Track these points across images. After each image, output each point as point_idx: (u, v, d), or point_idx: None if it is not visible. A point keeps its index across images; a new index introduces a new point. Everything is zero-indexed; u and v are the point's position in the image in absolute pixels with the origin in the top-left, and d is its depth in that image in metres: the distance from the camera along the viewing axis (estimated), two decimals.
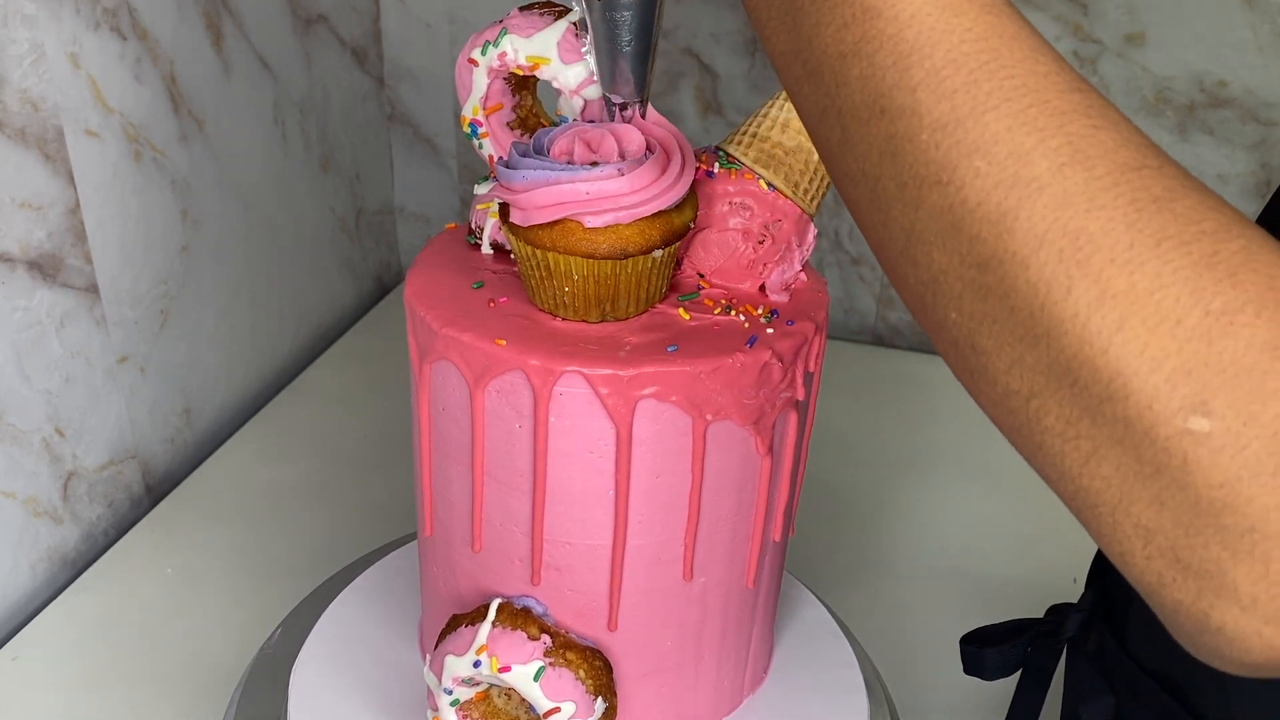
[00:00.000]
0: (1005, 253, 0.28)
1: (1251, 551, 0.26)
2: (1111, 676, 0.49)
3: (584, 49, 0.48)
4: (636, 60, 0.45)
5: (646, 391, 0.45)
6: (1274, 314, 0.25)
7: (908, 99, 0.29)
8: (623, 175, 0.44)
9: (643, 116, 0.48)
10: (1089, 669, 0.50)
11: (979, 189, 0.28)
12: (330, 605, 0.63)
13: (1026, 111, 0.28)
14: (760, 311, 0.50)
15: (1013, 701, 0.57)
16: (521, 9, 0.49)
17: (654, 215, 0.45)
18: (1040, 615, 0.55)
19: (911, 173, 0.29)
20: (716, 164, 0.51)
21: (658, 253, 0.46)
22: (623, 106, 0.47)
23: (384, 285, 1.23)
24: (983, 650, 0.55)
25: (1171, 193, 0.27)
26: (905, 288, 0.31)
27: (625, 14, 0.44)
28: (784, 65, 0.33)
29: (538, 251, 0.46)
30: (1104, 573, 0.52)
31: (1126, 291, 0.26)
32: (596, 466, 0.47)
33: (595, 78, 0.48)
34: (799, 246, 0.51)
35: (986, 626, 0.56)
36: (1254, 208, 0.96)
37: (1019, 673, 0.57)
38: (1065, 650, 0.54)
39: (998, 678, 0.56)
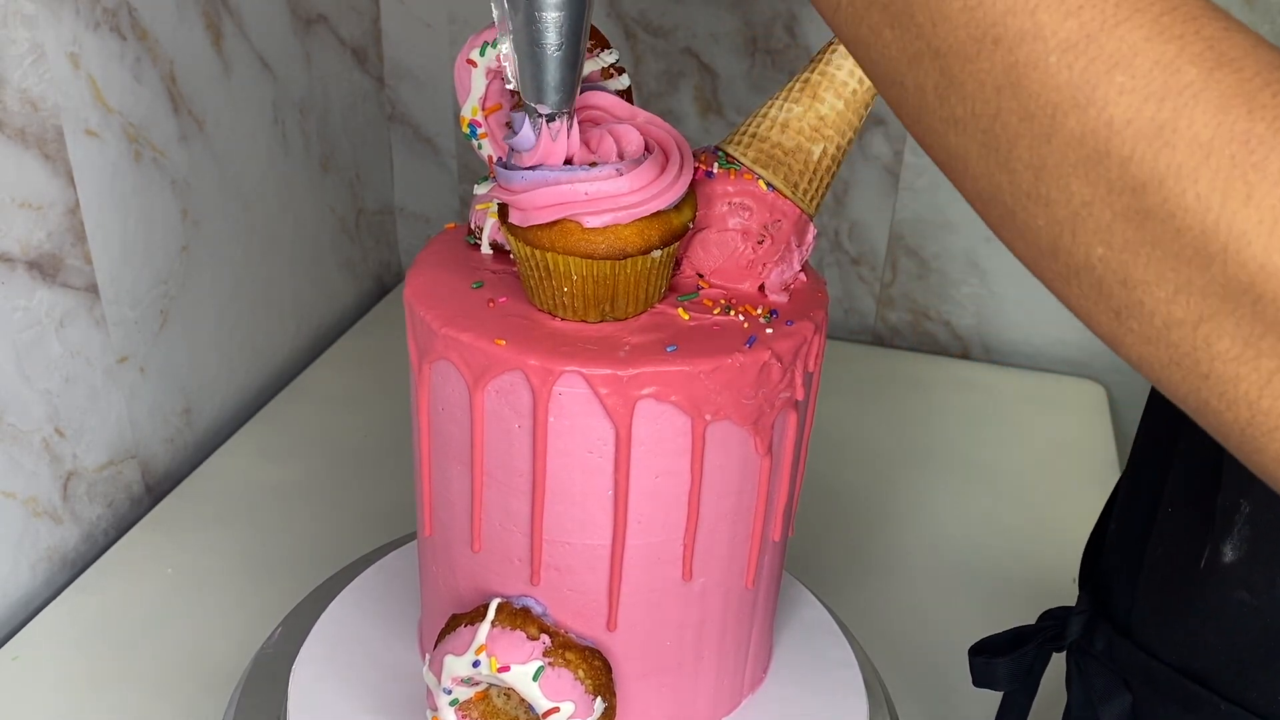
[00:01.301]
0: (1167, 169, 0.26)
1: None
2: (1126, 673, 0.48)
3: (504, 53, 0.43)
4: (565, 66, 0.41)
5: (646, 391, 0.45)
6: None
7: (1027, 22, 0.27)
8: (621, 175, 0.44)
9: (568, 132, 0.43)
10: (1100, 669, 0.50)
11: (1126, 105, 0.26)
12: (330, 605, 0.63)
13: (1160, 20, 0.26)
14: (759, 311, 0.50)
15: (1000, 707, 0.57)
16: None
17: (653, 215, 0.45)
18: (1040, 615, 0.55)
19: (1040, 101, 0.27)
20: (715, 164, 0.50)
21: (656, 253, 0.46)
22: (550, 118, 0.43)
23: (384, 285, 1.23)
24: (993, 661, 0.54)
25: None
26: (1030, 235, 0.29)
27: (555, 14, 0.40)
28: (854, 17, 0.31)
29: (537, 252, 0.46)
30: (1096, 571, 0.52)
31: None
32: (596, 466, 0.47)
33: (516, 85, 0.43)
34: (798, 247, 0.51)
35: (991, 637, 0.55)
36: None
37: None
38: (1066, 653, 0.53)
39: (1009, 688, 0.55)
